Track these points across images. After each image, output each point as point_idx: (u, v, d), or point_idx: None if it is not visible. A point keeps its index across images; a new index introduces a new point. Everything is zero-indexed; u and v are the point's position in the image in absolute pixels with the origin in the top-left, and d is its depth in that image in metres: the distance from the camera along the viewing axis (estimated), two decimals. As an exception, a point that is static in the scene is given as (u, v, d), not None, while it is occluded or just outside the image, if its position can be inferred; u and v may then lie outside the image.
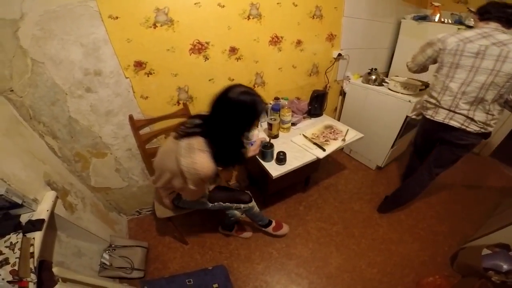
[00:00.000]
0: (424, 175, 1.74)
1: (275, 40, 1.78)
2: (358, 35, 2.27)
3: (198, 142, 1.05)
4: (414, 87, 1.96)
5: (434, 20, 2.32)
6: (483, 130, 1.39)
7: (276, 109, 1.75)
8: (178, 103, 1.63)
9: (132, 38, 1.29)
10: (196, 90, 1.64)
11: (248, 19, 1.59)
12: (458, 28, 2.09)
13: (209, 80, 1.65)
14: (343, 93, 2.53)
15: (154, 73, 1.44)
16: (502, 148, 2.67)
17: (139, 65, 1.38)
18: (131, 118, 1.48)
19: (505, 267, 1.38)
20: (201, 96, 1.68)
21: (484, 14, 1.31)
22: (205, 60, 1.56)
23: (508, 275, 1.36)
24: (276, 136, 1.76)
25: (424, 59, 1.55)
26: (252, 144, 1.51)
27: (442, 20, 2.29)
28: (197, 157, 1.03)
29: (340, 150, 2.68)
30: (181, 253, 1.73)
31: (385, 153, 2.33)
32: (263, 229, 1.78)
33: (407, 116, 1.99)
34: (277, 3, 1.66)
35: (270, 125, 1.72)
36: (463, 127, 1.41)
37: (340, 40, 2.15)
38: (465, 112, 1.38)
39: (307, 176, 2.13)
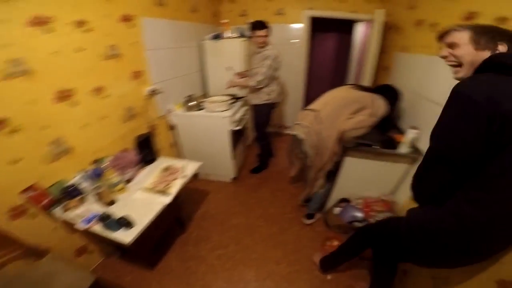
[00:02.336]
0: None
1: (63, 95, 1.45)
2: (167, 66, 2.28)
3: None
4: (226, 103, 2.23)
5: (226, 36, 2.63)
6: None
7: (98, 174, 1.45)
8: None
9: None
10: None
11: (5, 80, 1.19)
12: (243, 40, 2.55)
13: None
14: (173, 127, 2.47)
15: None
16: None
17: None
18: None
19: (360, 215, 1.80)
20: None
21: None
22: None
23: (367, 219, 1.78)
24: (112, 203, 1.47)
25: (271, 71, 2.24)
26: (89, 222, 1.30)
27: (231, 35, 2.64)
28: None
29: (195, 178, 2.71)
30: None
31: (231, 165, 2.54)
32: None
33: (231, 130, 2.24)
34: (54, 52, 1.35)
35: (98, 194, 1.41)
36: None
37: (149, 75, 2.08)
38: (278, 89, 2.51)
39: (176, 219, 1.97)
